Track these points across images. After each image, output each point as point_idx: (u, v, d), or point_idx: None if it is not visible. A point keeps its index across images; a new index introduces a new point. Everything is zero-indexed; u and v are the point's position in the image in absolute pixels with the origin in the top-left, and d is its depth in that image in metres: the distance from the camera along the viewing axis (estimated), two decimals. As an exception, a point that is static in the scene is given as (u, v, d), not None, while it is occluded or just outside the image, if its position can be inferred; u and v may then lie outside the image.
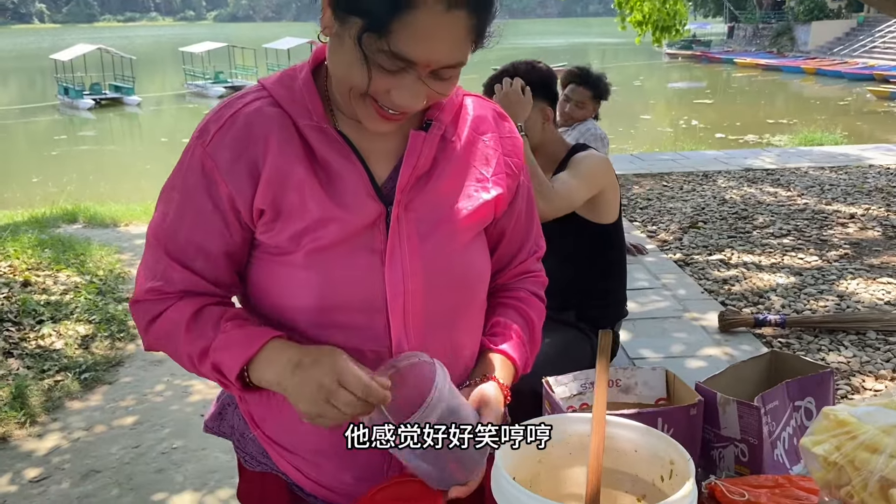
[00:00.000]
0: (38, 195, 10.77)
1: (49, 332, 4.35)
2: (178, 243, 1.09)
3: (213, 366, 1.05)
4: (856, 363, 3.81)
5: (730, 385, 1.60)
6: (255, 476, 1.26)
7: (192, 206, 1.07)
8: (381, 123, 1.03)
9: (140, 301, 1.13)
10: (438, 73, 0.98)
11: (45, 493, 2.98)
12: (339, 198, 1.05)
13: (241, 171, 1.05)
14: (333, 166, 1.06)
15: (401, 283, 1.07)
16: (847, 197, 7.16)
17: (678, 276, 5.15)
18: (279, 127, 1.06)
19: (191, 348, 1.06)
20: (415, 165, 1.08)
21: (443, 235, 1.11)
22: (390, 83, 0.97)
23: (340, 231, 1.05)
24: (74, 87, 27.02)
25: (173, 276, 1.09)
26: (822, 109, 20.49)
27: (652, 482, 0.91)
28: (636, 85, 30.63)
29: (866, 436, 0.99)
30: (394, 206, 1.07)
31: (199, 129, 1.09)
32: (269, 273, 1.10)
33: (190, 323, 1.07)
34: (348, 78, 0.99)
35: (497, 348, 1.18)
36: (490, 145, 1.18)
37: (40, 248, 5.76)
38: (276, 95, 1.08)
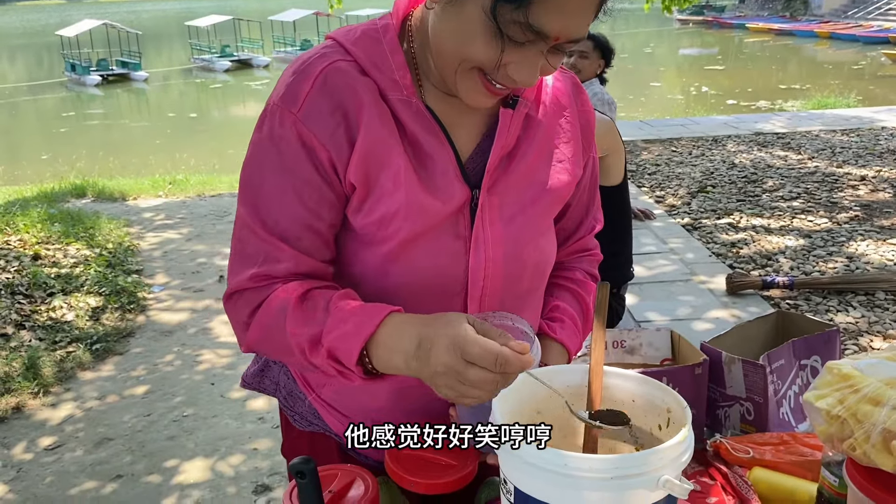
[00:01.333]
0: (47, 172, 10.81)
1: (60, 305, 4.39)
2: (281, 222, 0.99)
3: (328, 353, 0.94)
4: (864, 323, 3.80)
5: (736, 345, 1.60)
6: (304, 435, 1.24)
7: (294, 180, 0.98)
8: (486, 98, 0.96)
9: (240, 290, 1.02)
10: (560, 47, 0.92)
11: (60, 461, 3.03)
12: (430, 181, 0.99)
13: (340, 138, 0.97)
14: (423, 146, 1.00)
15: (482, 270, 1.04)
16: (858, 159, 7.09)
17: (686, 240, 5.13)
18: (371, 96, 0.98)
19: (299, 332, 0.96)
20: (503, 145, 1.03)
21: (524, 221, 1.06)
22: (514, 56, 0.90)
23: (430, 219, 1.00)
24: (81, 63, 26.97)
25: (280, 257, 1.00)
26: (836, 74, 20.19)
27: (650, 431, 0.91)
28: (646, 52, 30.27)
29: (869, 388, 0.98)
30: (481, 191, 1.02)
31: (282, 94, 0.99)
32: (351, 253, 1.04)
33: (297, 306, 0.97)
34: (464, 50, 0.91)
35: (556, 336, 1.15)
36: (569, 121, 1.12)
37: (50, 222, 5.79)
38: (361, 61, 0.99)
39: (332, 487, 1.01)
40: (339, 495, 1.00)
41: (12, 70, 34.85)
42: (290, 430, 1.28)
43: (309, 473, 0.91)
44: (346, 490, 1.01)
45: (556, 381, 0.91)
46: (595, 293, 1.24)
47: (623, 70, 22.67)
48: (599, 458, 0.75)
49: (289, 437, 1.30)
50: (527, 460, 0.77)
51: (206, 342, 4.04)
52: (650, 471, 0.75)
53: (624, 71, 22.32)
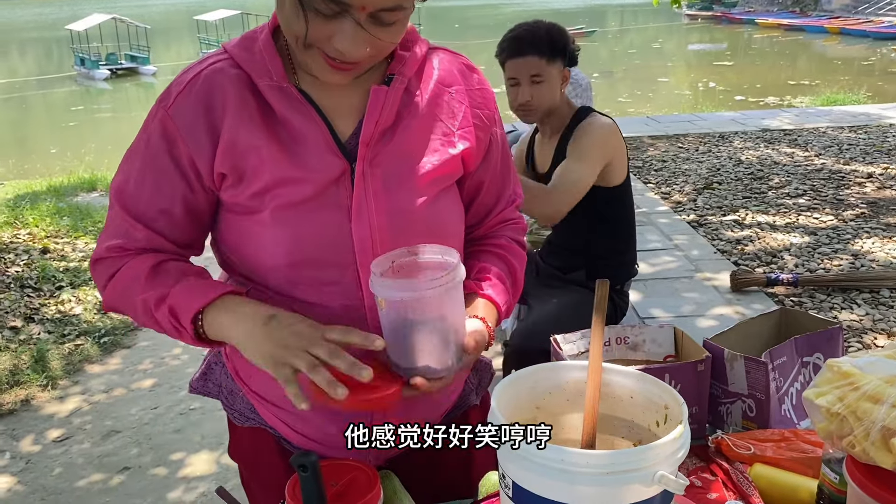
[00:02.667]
0: (56, 165, 10.87)
1: (68, 298, 4.43)
2: (139, 205, 1.09)
3: (170, 309, 1.05)
4: (868, 321, 3.79)
5: (738, 342, 1.60)
6: (245, 432, 1.27)
7: (153, 168, 1.08)
8: (333, 74, 1.02)
9: (101, 259, 1.13)
10: (379, 17, 0.96)
11: (67, 453, 3.06)
12: (300, 157, 1.05)
13: (201, 133, 1.05)
14: (294, 125, 1.06)
15: (368, 238, 1.07)
16: (866, 156, 7.05)
17: (691, 236, 5.12)
18: (238, 88, 1.06)
19: (147, 295, 1.07)
20: (377, 120, 1.07)
21: (409, 189, 1.10)
22: (329, 29, 0.96)
23: (304, 189, 1.05)
24: (90, 57, 27.06)
25: (135, 235, 1.10)
26: (846, 70, 20.06)
27: (648, 427, 0.92)
28: (655, 47, 30.13)
29: (869, 386, 0.99)
30: (357, 162, 1.07)
31: (162, 93, 1.10)
32: (239, 231, 1.11)
33: (150, 273, 1.08)
34: (291, 28, 0.98)
35: (483, 293, 1.18)
36: (456, 98, 1.16)
37: (59, 216, 5.83)
38: (237, 57, 1.08)
39: (334, 481, 1.02)
40: (342, 489, 1.01)
41: (22, 64, 34.98)
42: (233, 429, 1.32)
43: (311, 466, 0.92)
44: (348, 483, 1.02)
45: (557, 377, 0.92)
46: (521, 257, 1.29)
47: (631, 66, 22.60)
48: (596, 454, 0.76)
49: (233, 435, 1.33)
50: (524, 456, 0.78)
51: (212, 336, 4.06)
52: (646, 466, 0.76)
53: (632, 67, 22.25)
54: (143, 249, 1.11)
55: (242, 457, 1.33)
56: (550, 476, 0.77)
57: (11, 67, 33.31)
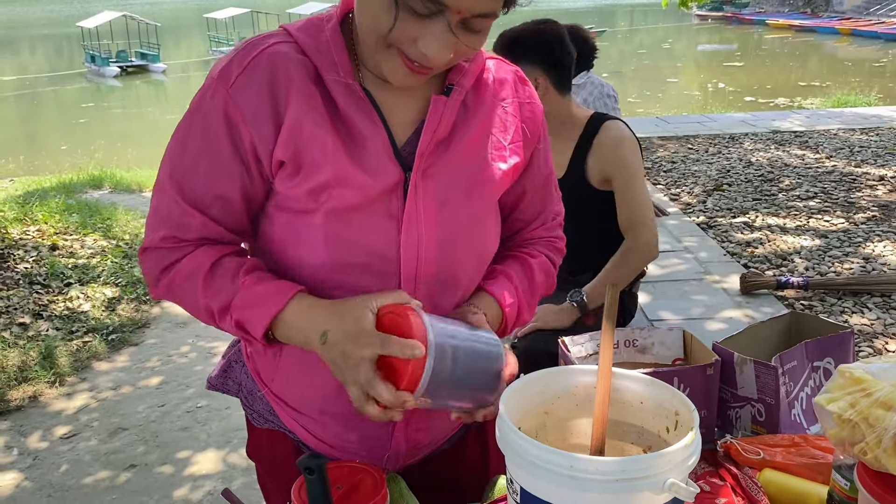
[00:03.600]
0: (66, 162, 10.91)
1: (77, 295, 4.44)
2: (195, 190, 1.04)
3: (237, 323, 1.02)
4: (879, 325, 3.76)
5: (748, 345, 1.59)
6: (264, 433, 1.26)
7: (211, 152, 1.03)
8: (406, 77, 0.99)
9: (153, 248, 1.08)
10: (469, 24, 0.94)
11: (74, 450, 3.06)
12: (360, 159, 1.02)
13: (265, 117, 1.01)
14: (357, 126, 1.02)
15: (415, 250, 1.05)
16: (877, 159, 7.01)
17: (700, 238, 5.10)
18: (304, 76, 1.01)
19: (210, 302, 1.04)
20: (435, 130, 1.05)
21: (460, 203, 1.08)
22: (419, 29, 0.93)
23: (359, 193, 1.02)
24: (101, 54, 27.20)
25: (190, 223, 1.05)
26: (857, 71, 19.96)
27: (658, 433, 0.91)
28: (664, 48, 30.06)
29: (881, 392, 0.97)
30: (413, 172, 1.04)
31: (219, 70, 1.03)
32: (284, 227, 1.07)
33: (208, 276, 1.04)
34: (375, 25, 0.95)
35: (485, 288, 1.17)
36: (509, 111, 1.15)
37: (67, 212, 5.85)
38: (303, 44, 1.03)
39: (341, 483, 1.01)
40: (348, 491, 1.00)
41: (33, 61, 35.17)
42: (252, 429, 1.30)
43: (317, 469, 0.91)
44: (355, 486, 1.01)
45: (565, 381, 0.91)
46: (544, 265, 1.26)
47: (640, 66, 22.55)
48: (606, 461, 0.75)
49: (252, 436, 1.32)
50: (533, 461, 0.78)
51: (220, 334, 4.06)
52: (656, 473, 0.75)
53: (641, 67, 22.20)
54: (199, 239, 1.07)
55: (260, 457, 1.32)
56: (559, 482, 0.76)
57: (23, 64, 33.50)
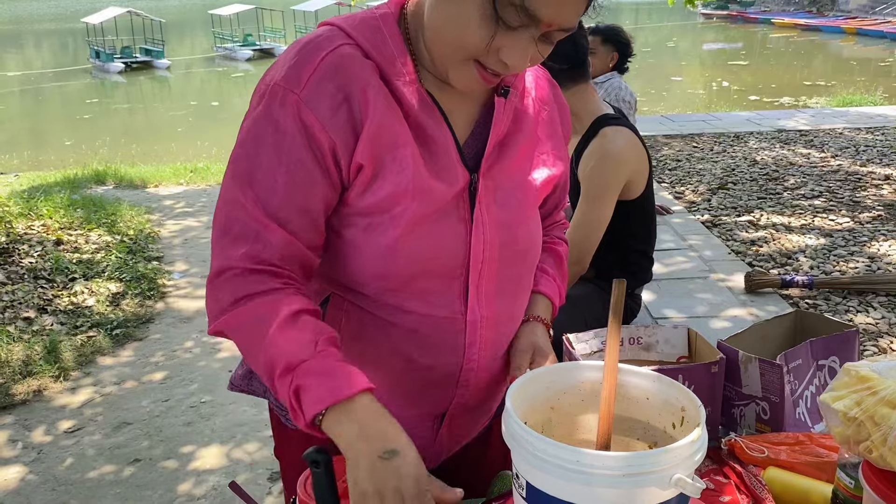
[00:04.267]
0: (71, 158, 10.94)
1: (81, 290, 4.45)
2: (274, 202, 0.97)
3: (296, 389, 0.91)
4: (884, 324, 3.75)
5: (753, 343, 1.59)
6: (295, 434, 1.20)
7: (290, 162, 0.97)
8: (478, 85, 0.99)
9: (230, 269, 0.98)
10: (550, 36, 0.95)
11: (79, 444, 3.07)
12: (434, 164, 1.02)
13: (343, 122, 0.97)
14: (427, 129, 1.02)
15: (482, 252, 1.06)
16: (883, 158, 6.99)
17: (705, 237, 5.09)
18: (377, 79, 0.99)
19: (276, 354, 0.93)
20: (499, 132, 1.07)
21: (517, 205, 1.10)
22: (506, 41, 0.93)
23: (435, 201, 1.01)
24: (105, 50, 27.24)
25: (271, 239, 0.98)
26: (862, 71, 19.89)
27: (664, 429, 0.91)
28: (669, 46, 30.01)
29: (887, 391, 0.97)
30: (479, 175, 1.06)
31: (284, 74, 0.97)
32: (354, 236, 1.03)
33: (286, 322, 0.95)
34: (460, 36, 0.93)
35: (538, 289, 1.23)
36: (552, 115, 1.18)
37: (72, 208, 5.87)
38: (366, 46, 1.00)
39: (346, 477, 1.01)
40: (353, 485, 1.00)
41: (38, 56, 35.22)
42: (282, 430, 1.27)
43: (323, 463, 0.91)
44: (360, 480, 1.01)
45: (572, 377, 0.91)
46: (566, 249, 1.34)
47: (645, 65, 22.50)
48: (612, 456, 0.75)
49: (282, 437, 1.29)
50: (539, 456, 0.78)
51: (224, 330, 4.07)
52: (662, 469, 0.75)
53: (646, 65, 22.14)
54: (281, 258, 0.99)
55: (289, 457, 1.29)
56: (565, 477, 0.76)
57: (27, 59, 33.55)
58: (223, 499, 2.72)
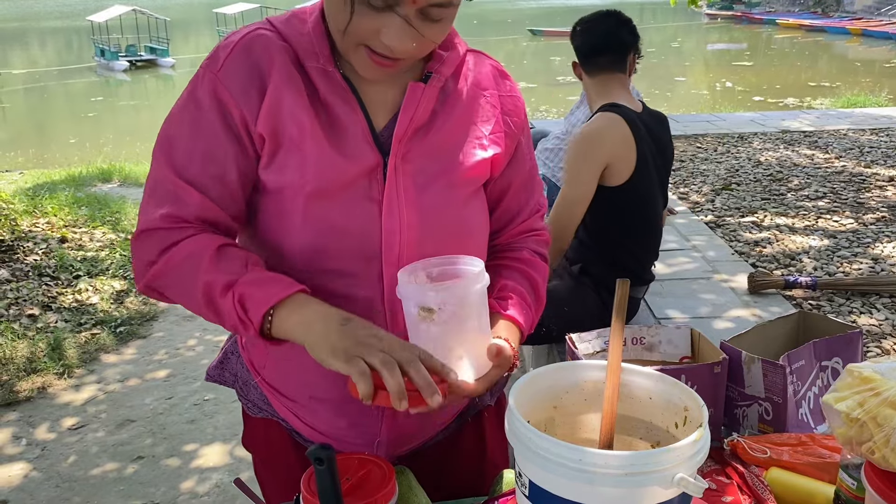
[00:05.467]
0: (75, 155, 10.96)
1: (85, 287, 4.46)
2: (191, 169, 1.05)
3: (239, 298, 0.99)
4: (888, 326, 3.74)
5: (756, 344, 1.59)
6: (259, 423, 1.28)
7: (206, 134, 1.05)
8: (375, 70, 1.02)
9: (152, 230, 1.06)
10: (427, 13, 0.96)
11: (82, 441, 3.08)
12: (338, 142, 1.05)
13: (253, 93, 1.04)
14: (335, 110, 1.06)
15: (397, 233, 1.07)
16: (887, 159, 6.97)
17: (709, 237, 5.08)
18: (286, 59, 1.05)
19: (213, 278, 1.01)
20: (412, 116, 1.07)
21: (439, 188, 1.10)
22: (376, 23, 0.96)
23: (339, 176, 1.05)
24: (110, 48, 27.27)
25: (188, 201, 1.05)
26: (867, 72, 19.84)
27: (666, 429, 0.91)
28: (674, 46, 29.95)
29: (890, 392, 0.97)
30: (391, 156, 1.07)
31: (208, 58, 1.08)
32: (268, 213, 1.09)
33: (216, 254, 1.02)
34: (335, 20, 0.99)
35: (505, 314, 1.15)
36: (490, 102, 1.17)
37: (76, 205, 5.88)
38: (284, 33, 1.07)
39: (349, 475, 1.02)
40: (357, 483, 1.01)
41: (43, 54, 35.29)
42: (247, 419, 1.32)
43: (327, 460, 0.92)
44: (364, 478, 1.02)
45: (575, 377, 0.91)
46: (543, 271, 1.27)
47: (648, 64, 22.47)
48: (615, 455, 0.76)
49: (247, 426, 1.33)
50: (542, 454, 0.78)
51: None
52: (665, 468, 0.75)
53: (649, 65, 22.11)
54: (199, 219, 1.06)
55: (255, 447, 1.34)
56: (568, 476, 0.76)
57: (32, 57, 33.62)
58: (226, 496, 2.73)
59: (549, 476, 0.78)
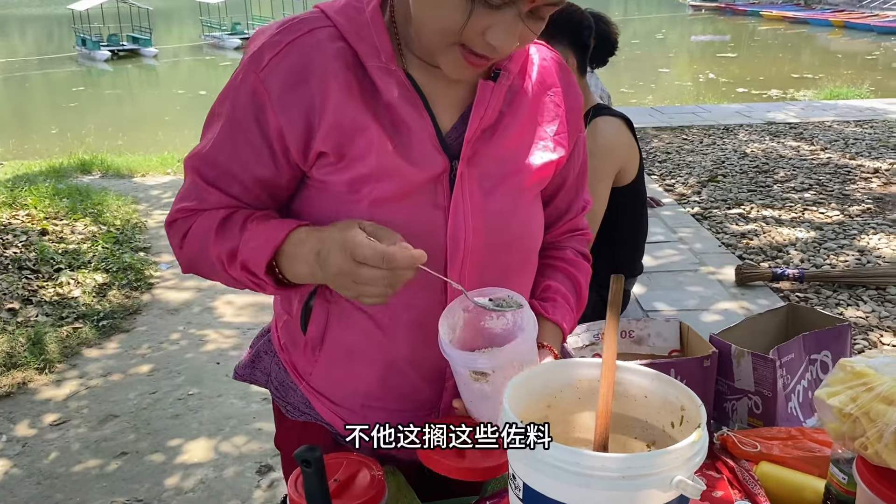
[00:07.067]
0: (56, 146, 10.82)
1: (67, 281, 4.40)
2: (215, 170, 1.03)
3: (243, 264, 0.99)
4: (874, 318, 3.77)
5: (745, 337, 1.58)
6: (297, 425, 1.23)
7: (236, 134, 1.01)
8: (466, 70, 0.96)
9: (173, 221, 1.09)
10: (538, 11, 0.92)
11: (64, 437, 3.04)
12: (405, 149, 0.99)
13: (295, 105, 0.98)
14: (401, 114, 0.99)
15: (462, 241, 1.03)
16: (872, 151, 7.02)
17: (695, 229, 5.09)
18: (342, 64, 0.98)
19: (220, 250, 1.01)
20: (482, 117, 1.02)
21: (505, 193, 1.06)
22: (489, 20, 0.89)
23: (404, 184, 0.99)
24: (92, 38, 26.98)
25: (208, 198, 1.05)
26: (849, 64, 19.97)
27: (662, 428, 0.90)
28: (658, 38, 30.01)
29: (883, 387, 0.97)
30: (459, 161, 1.02)
31: (252, 53, 1.00)
32: (327, 209, 1.04)
33: (220, 226, 1.02)
34: (441, 18, 0.91)
35: (549, 316, 1.14)
36: (555, 100, 1.12)
37: (57, 197, 5.79)
38: (343, 28, 0.99)
39: (338, 476, 1.00)
40: (345, 484, 0.99)
41: (23, 44, 34.84)
42: (282, 420, 1.27)
43: (314, 462, 0.89)
44: (352, 479, 1.00)
45: (570, 374, 0.89)
46: (587, 271, 1.26)
47: (633, 56, 22.50)
48: (612, 457, 0.74)
49: (282, 427, 1.29)
50: (538, 457, 0.76)
51: (211, 321, 4.04)
52: (663, 471, 0.73)
53: (634, 57, 22.14)
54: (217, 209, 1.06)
55: (287, 448, 1.29)
56: (564, 479, 0.75)
57: (12, 47, 33.19)
58: (211, 492, 2.70)
59: (544, 479, 0.77)
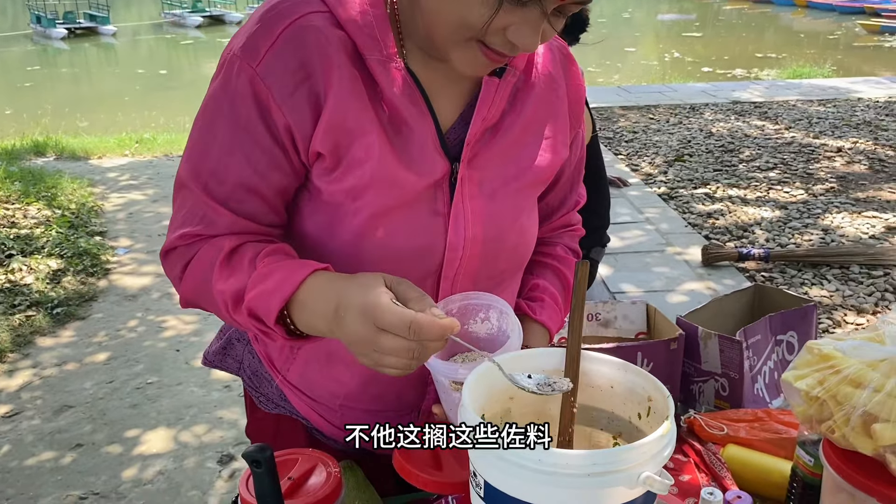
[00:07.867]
0: (11, 128, 10.50)
1: (19, 267, 4.27)
2: (225, 184, 0.92)
3: (250, 311, 0.87)
4: (838, 297, 3.81)
5: (712, 319, 1.58)
6: (269, 417, 1.19)
7: (243, 140, 0.90)
8: (482, 67, 0.89)
9: (172, 249, 0.97)
10: (563, 9, 0.85)
11: (17, 429, 2.95)
12: (405, 153, 0.92)
13: (302, 100, 0.89)
14: (402, 113, 0.92)
15: (460, 249, 0.98)
16: (835, 130, 7.11)
17: (662, 209, 5.11)
18: (343, 56, 0.89)
19: (224, 287, 0.89)
20: (485, 116, 0.96)
21: (505, 198, 1.00)
22: (514, 18, 0.82)
23: (404, 193, 0.93)
24: (47, 15, 26.26)
25: (217, 221, 0.93)
26: (812, 43, 20.24)
27: (629, 420, 0.86)
28: (624, 17, 30.10)
29: (850, 370, 0.96)
30: (460, 164, 0.95)
31: (243, 44, 0.89)
32: (321, 223, 0.97)
33: (225, 260, 0.90)
34: (460, 13, 0.83)
35: (536, 317, 1.10)
36: (559, 96, 1.05)
37: (9, 180, 5.63)
38: (341, 17, 0.89)
39: (292, 474, 0.95)
40: (299, 483, 0.94)
41: (-26, 22, 33.78)
42: (254, 411, 1.22)
43: (265, 462, 0.85)
44: (307, 476, 0.95)
45: (530, 364, 0.85)
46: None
47: (599, 35, 22.54)
48: (576, 454, 0.70)
49: (254, 418, 1.24)
50: (498, 453, 0.72)
51: (171, 308, 3.95)
52: (630, 467, 0.70)
53: (600, 36, 22.18)
54: (227, 234, 0.94)
55: (263, 439, 1.25)
56: (526, 476, 0.71)
57: (-37, 25, 32.17)
58: (171, 483, 2.64)
59: (505, 477, 0.73)
